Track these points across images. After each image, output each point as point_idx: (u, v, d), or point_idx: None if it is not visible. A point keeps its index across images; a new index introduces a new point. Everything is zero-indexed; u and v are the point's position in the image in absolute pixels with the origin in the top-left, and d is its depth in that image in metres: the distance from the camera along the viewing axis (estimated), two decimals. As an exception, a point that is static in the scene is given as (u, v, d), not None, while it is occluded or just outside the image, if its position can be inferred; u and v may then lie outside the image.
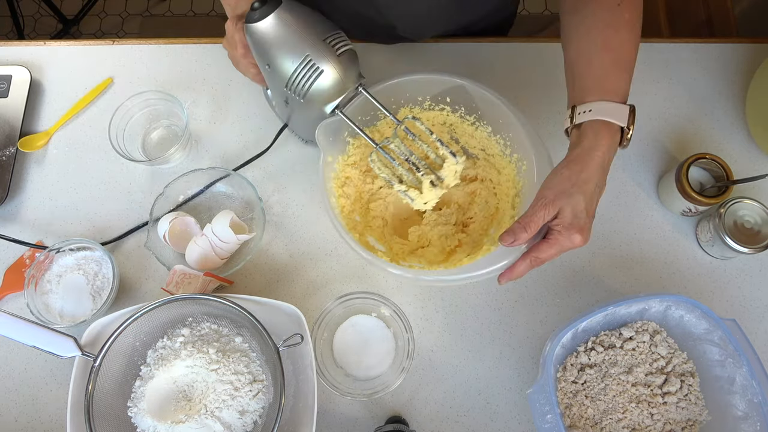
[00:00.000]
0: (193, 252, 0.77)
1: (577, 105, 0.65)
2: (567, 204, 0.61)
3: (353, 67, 0.68)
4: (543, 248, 0.62)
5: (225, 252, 0.78)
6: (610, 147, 0.62)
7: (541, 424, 0.66)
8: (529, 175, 0.73)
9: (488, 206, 0.80)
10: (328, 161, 0.75)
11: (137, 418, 0.66)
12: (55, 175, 0.86)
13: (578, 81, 0.66)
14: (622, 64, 0.65)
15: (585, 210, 0.61)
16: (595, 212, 0.63)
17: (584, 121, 0.63)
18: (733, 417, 0.68)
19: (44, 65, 0.92)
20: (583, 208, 0.61)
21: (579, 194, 0.61)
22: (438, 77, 0.76)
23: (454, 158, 0.69)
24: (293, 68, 0.65)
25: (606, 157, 0.62)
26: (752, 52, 0.93)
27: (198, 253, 0.77)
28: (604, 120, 0.62)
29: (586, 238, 0.61)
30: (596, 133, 0.62)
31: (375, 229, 0.79)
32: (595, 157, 0.61)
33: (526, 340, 0.79)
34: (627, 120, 0.62)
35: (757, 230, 0.77)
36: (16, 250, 0.82)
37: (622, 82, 0.64)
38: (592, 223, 0.62)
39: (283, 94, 0.70)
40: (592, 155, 0.62)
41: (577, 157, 0.62)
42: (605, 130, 0.62)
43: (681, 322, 0.72)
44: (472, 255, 0.74)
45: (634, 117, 0.63)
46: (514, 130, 0.75)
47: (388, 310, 0.73)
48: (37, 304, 0.76)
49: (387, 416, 0.75)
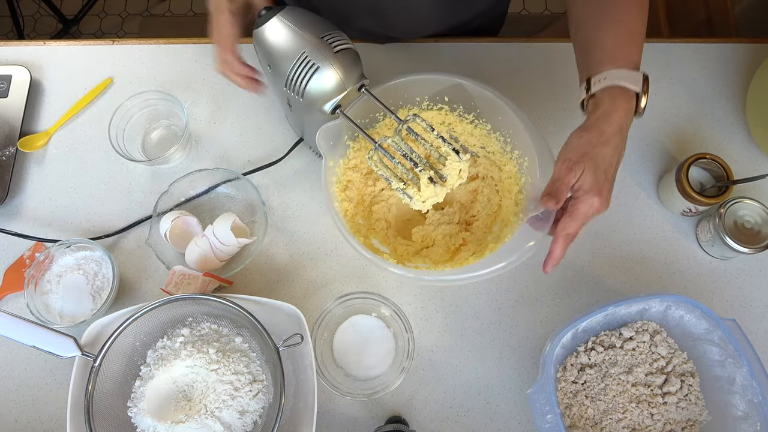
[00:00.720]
0: (193, 252, 0.77)
1: (591, 76, 0.65)
2: (589, 166, 0.61)
3: (353, 66, 0.68)
4: (568, 223, 0.63)
5: (225, 254, 0.78)
6: (627, 112, 0.63)
7: (541, 424, 0.66)
8: (531, 171, 0.73)
9: (491, 204, 0.80)
10: (330, 165, 0.75)
11: (137, 418, 0.66)
12: (55, 175, 0.86)
13: (591, 57, 0.67)
14: (635, 36, 0.66)
15: (605, 172, 0.61)
16: (615, 177, 0.63)
17: (600, 89, 0.63)
18: (733, 417, 0.68)
19: (44, 65, 0.92)
20: (603, 170, 0.61)
21: (599, 156, 0.61)
22: (435, 77, 0.76)
23: (457, 156, 0.68)
24: (291, 66, 0.66)
25: (624, 121, 0.62)
26: (752, 52, 0.93)
27: (198, 254, 0.77)
28: (620, 85, 0.62)
29: (606, 201, 0.61)
30: (613, 99, 0.63)
31: (379, 231, 0.79)
32: (612, 121, 0.62)
33: (526, 340, 0.79)
34: (641, 85, 0.63)
35: (757, 230, 0.77)
36: (16, 250, 0.82)
37: (635, 53, 0.65)
38: (612, 187, 0.63)
39: (285, 96, 0.71)
40: (609, 119, 0.62)
41: (595, 122, 0.63)
42: (621, 95, 0.63)
43: (681, 322, 0.72)
44: (477, 253, 0.74)
45: (648, 86, 0.63)
46: (513, 126, 0.75)
47: (388, 310, 0.73)
48: (37, 304, 0.76)
49: (387, 416, 0.75)
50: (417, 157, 0.69)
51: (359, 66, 0.69)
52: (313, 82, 0.66)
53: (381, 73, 0.76)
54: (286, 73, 0.66)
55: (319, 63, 0.65)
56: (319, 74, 0.66)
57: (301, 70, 0.66)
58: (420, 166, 0.68)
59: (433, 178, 0.68)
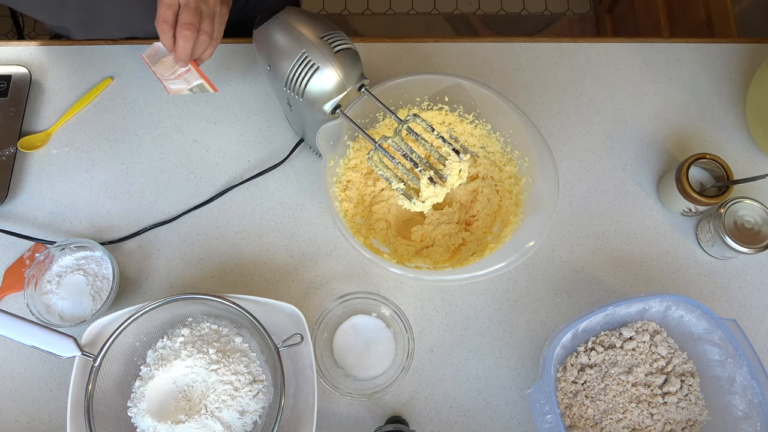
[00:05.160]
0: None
1: None
2: None
3: (353, 66, 0.68)
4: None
5: None
6: None
7: (541, 424, 0.66)
8: (531, 171, 0.73)
9: (491, 204, 0.80)
10: (330, 165, 0.75)
11: (137, 418, 0.66)
12: (55, 175, 0.86)
13: None
14: None
15: None
16: None
17: None
18: (733, 417, 0.68)
19: (44, 65, 0.92)
20: None
21: None
22: (435, 77, 0.76)
23: (457, 156, 0.68)
24: (290, 66, 0.66)
25: None
26: (752, 52, 0.93)
27: None
28: None
29: None
30: None
31: (378, 231, 0.79)
32: None
33: (526, 340, 0.79)
34: None
35: (757, 230, 0.77)
36: (16, 250, 0.82)
37: None
38: None
39: (285, 96, 0.71)
40: None
41: None
42: None
43: (681, 322, 0.72)
44: (477, 253, 0.74)
45: None
46: (514, 126, 0.75)
47: (389, 310, 0.73)
48: (37, 304, 0.75)
49: (387, 416, 0.75)
50: (417, 157, 0.69)
51: (359, 66, 0.69)
52: (313, 82, 0.66)
53: (381, 73, 0.76)
54: (286, 73, 0.67)
55: (319, 63, 0.65)
56: (319, 74, 0.66)
57: (301, 70, 0.66)
58: (420, 166, 0.68)
59: (433, 178, 0.68)
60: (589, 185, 0.86)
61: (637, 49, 0.93)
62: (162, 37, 0.67)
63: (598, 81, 0.91)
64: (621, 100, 0.90)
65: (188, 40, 0.67)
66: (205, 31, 0.68)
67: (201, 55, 0.71)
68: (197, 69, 0.72)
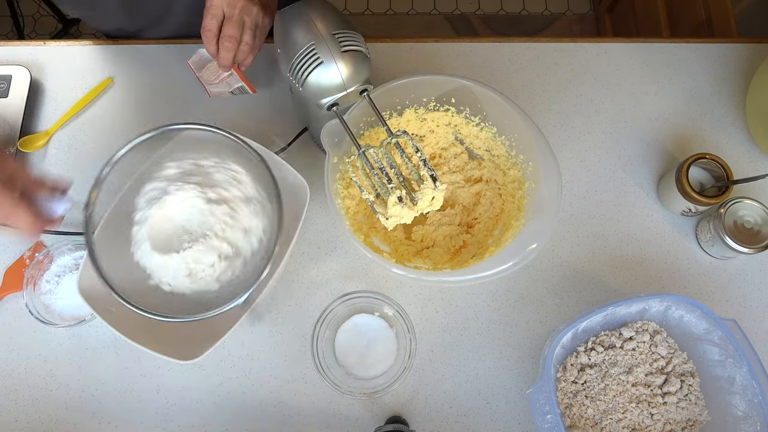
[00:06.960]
0: None
1: None
2: None
3: (358, 69, 0.68)
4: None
5: None
6: None
7: (541, 424, 0.66)
8: (535, 175, 0.73)
9: (493, 207, 0.80)
10: (334, 162, 0.74)
11: (144, 259, 0.64)
12: (55, 174, 0.86)
13: None
14: None
15: None
16: None
17: None
18: (733, 417, 0.68)
19: (44, 65, 0.92)
20: None
21: None
22: (443, 78, 0.76)
23: (433, 183, 0.66)
24: (297, 54, 0.67)
25: None
26: (752, 52, 0.93)
27: None
28: None
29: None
30: None
31: (379, 230, 0.79)
32: None
33: (526, 340, 0.79)
34: None
35: (757, 230, 0.77)
36: (16, 250, 0.82)
37: None
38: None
39: (288, 80, 0.71)
40: None
41: None
42: None
43: (681, 322, 0.72)
44: (477, 256, 0.74)
45: None
46: (519, 130, 0.74)
47: (391, 309, 0.73)
48: (36, 304, 0.75)
49: (387, 416, 0.75)
50: (395, 173, 0.68)
51: (366, 70, 0.69)
52: (314, 75, 0.67)
53: (381, 74, 0.76)
54: (292, 60, 0.67)
55: (324, 58, 0.66)
56: (321, 69, 0.66)
57: (305, 61, 0.67)
58: (394, 183, 0.67)
59: (402, 198, 0.66)
60: (589, 185, 0.86)
61: (637, 49, 0.93)
62: (206, 44, 0.73)
63: (598, 81, 0.91)
64: (621, 100, 0.90)
65: (230, 51, 0.72)
66: (246, 42, 0.72)
67: (242, 62, 0.75)
68: (239, 73, 0.76)
